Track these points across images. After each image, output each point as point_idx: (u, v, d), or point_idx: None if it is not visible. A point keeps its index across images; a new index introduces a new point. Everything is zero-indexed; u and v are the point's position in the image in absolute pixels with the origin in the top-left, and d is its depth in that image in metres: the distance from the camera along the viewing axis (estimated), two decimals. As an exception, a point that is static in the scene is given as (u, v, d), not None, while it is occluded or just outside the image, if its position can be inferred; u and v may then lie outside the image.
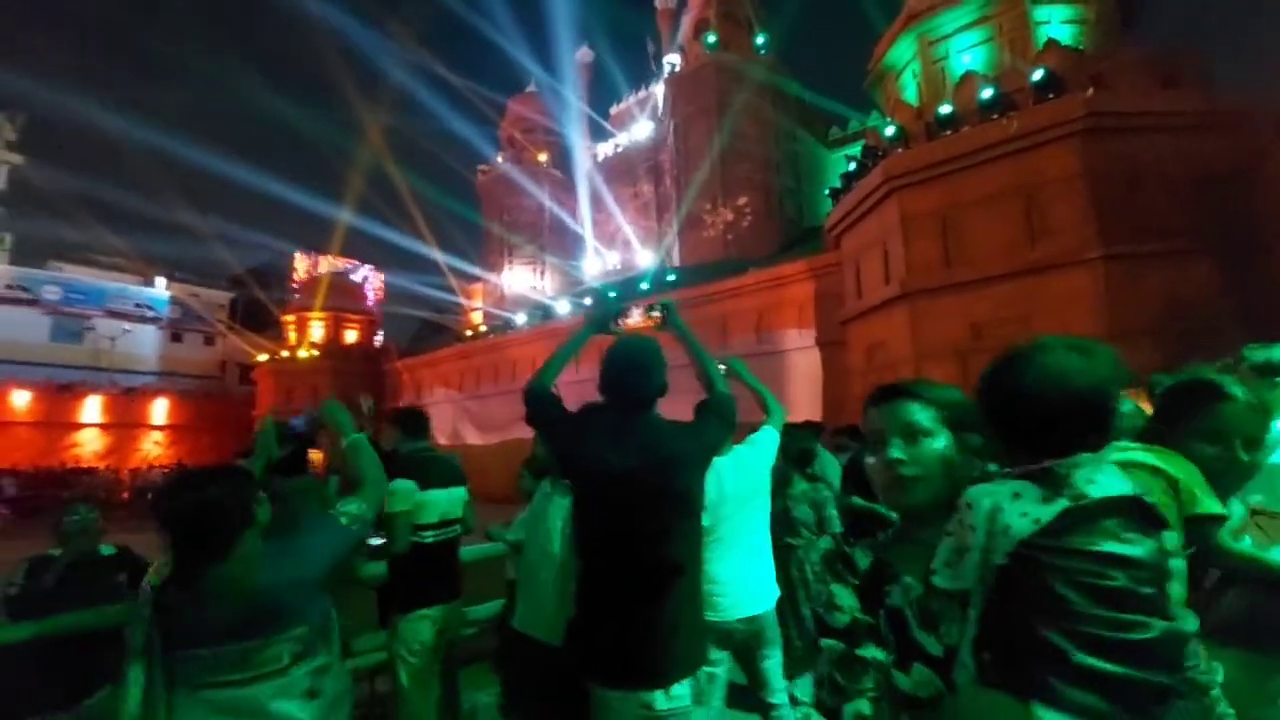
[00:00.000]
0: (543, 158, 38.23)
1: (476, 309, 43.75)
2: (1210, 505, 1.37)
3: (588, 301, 28.32)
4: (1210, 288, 11.19)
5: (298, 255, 53.44)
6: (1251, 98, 11.68)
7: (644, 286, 26.61)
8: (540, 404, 2.02)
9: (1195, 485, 1.38)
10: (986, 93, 12.87)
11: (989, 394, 1.01)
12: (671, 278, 25.38)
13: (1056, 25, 14.00)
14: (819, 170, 28.75)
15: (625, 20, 65.38)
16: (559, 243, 37.97)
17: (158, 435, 39.81)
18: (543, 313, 30.85)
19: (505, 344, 30.80)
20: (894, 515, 1.15)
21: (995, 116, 12.56)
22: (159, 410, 39.74)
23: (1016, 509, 0.90)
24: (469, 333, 36.49)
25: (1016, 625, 0.88)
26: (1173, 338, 10.43)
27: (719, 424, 2.03)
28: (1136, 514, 0.92)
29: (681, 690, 1.76)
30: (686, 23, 30.48)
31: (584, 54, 40.82)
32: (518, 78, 41.83)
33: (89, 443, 37.50)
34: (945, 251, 13.31)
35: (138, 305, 40.55)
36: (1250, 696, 1.26)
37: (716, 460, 2.90)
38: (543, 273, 38.88)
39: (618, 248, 35.45)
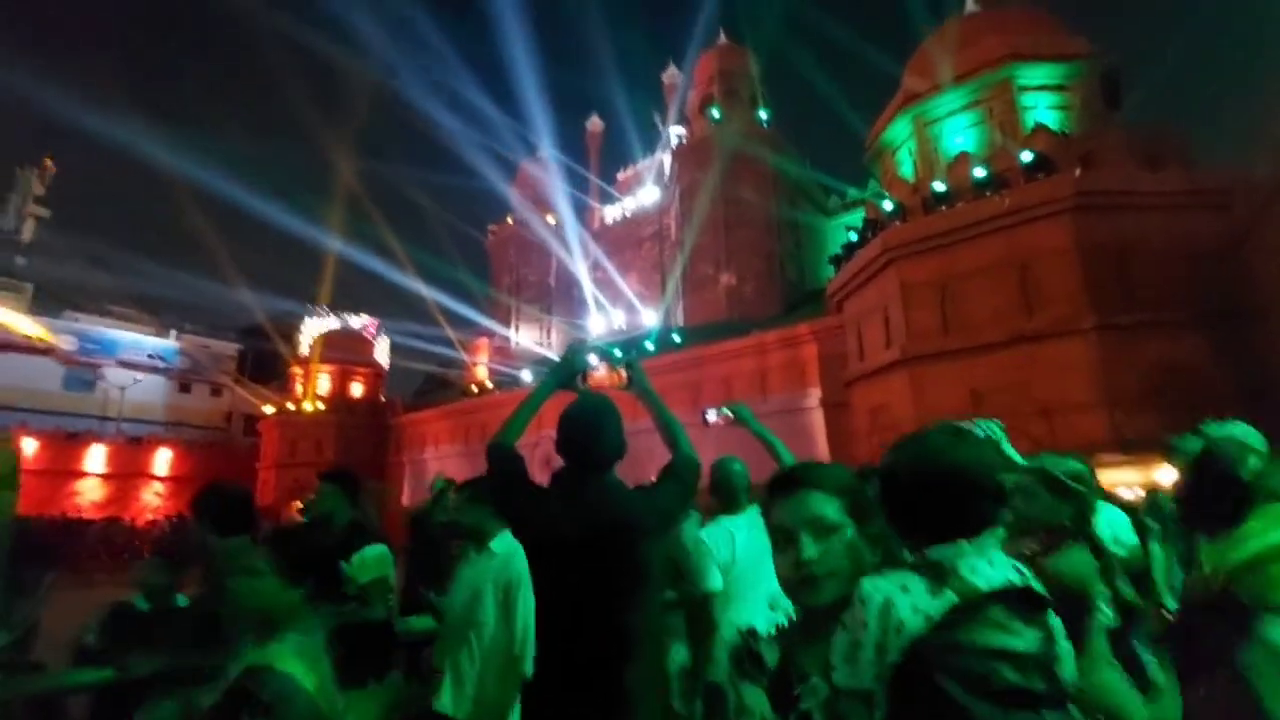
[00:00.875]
0: (551, 220, 39.50)
1: (481, 364, 44.33)
2: None
3: (592, 358, 28.74)
4: (1203, 356, 11.52)
5: (307, 308, 54.66)
6: (1232, 176, 12.33)
7: (649, 346, 27.11)
8: (501, 462, 1.94)
9: None
10: (979, 172, 13.57)
11: (881, 480, 1.05)
12: (677, 338, 25.86)
13: (1043, 110, 14.88)
14: (819, 236, 29.69)
15: (633, 91, 68.71)
16: (565, 302, 38.79)
17: (158, 486, 39.64)
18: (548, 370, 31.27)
19: (509, 400, 31.13)
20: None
21: (988, 194, 13.21)
22: (161, 460, 39.70)
23: (907, 603, 0.89)
24: (474, 388, 36.86)
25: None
26: (1168, 404, 10.69)
27: (678, 488, 1.94)
28: (1020, 602, 0.92)
29: None
30: (692, 97, 32.13)
31: (594, 123, 42.77)
32: (529, 143, 43.71)
33: (89, 491, 37.35)
34: (944, 319, 13.73)
35: (150, 356, 41.13)
36: None
37: (726, 520, 2.85)
38: (549, 330, 39.54)
39: (623, 308, 36.20)
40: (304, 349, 47.65)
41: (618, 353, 2.34)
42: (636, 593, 1.79)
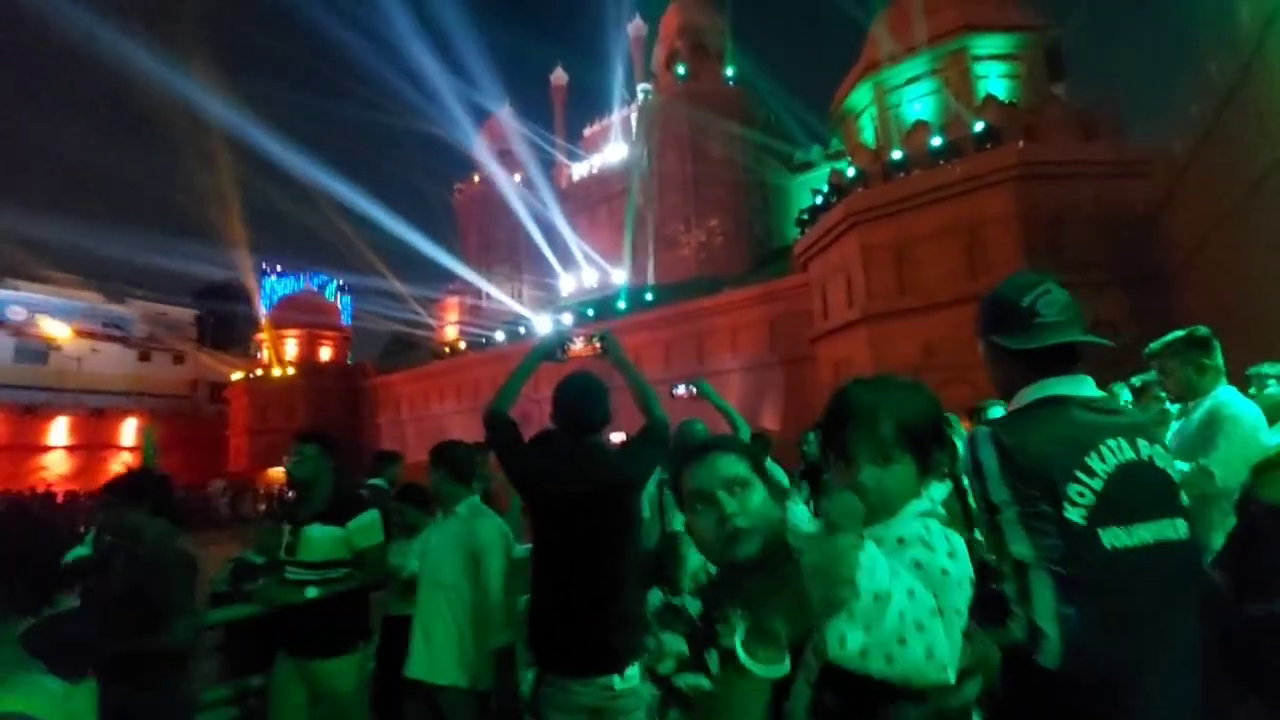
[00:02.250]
0: (517, 177, 39.24)
1: (451, 324, 44.39)
2: None
3: (565, 318, 29.45)
4: (1122, 313, 12.96)
5: (265, 268, 53.35)
6: (1156, 147, 13.58)
7: (621, 305, 27.89)
8: (499, 429, 2.21)
9: None
10: (935, 140, 14.55)
11: (840, 411, 1.07)
12: (649, 296, 26.66)
13: (994, 79, 15.85)
14: (784, 194, 30.50)
15: (598, 44, 67.08)
16: (535, 260, 38.97)
17: (127, 456, 39.22)
18: (523, 329, 31.78)
19: (486, 360, 31.63)
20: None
21: (941, 162, 14.24)
22: (129, 431, 39.19)
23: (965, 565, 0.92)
24: (447, 349, 37.13)
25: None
26: (1092, 357, 12.14)
27: (653, 447, 2.24)
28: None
29: (633, 673, 1.99)
30: (659, 52, 32.02)
31: (558, 76, 42.07)
32: (494, 98, 42.83)
33: (56, 465, 36.83)
34: (900, 280, 14.92)
35: (105, 324, 39.98)
36: None
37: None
38: (520, 289, 39.77)
39: (593, 266, 36.65)
40: (263, 312, 46.96)
41: (579, 319, 2.91)
42: (622, 535, 2.13)
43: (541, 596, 2.14)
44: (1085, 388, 1.35)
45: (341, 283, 52.21)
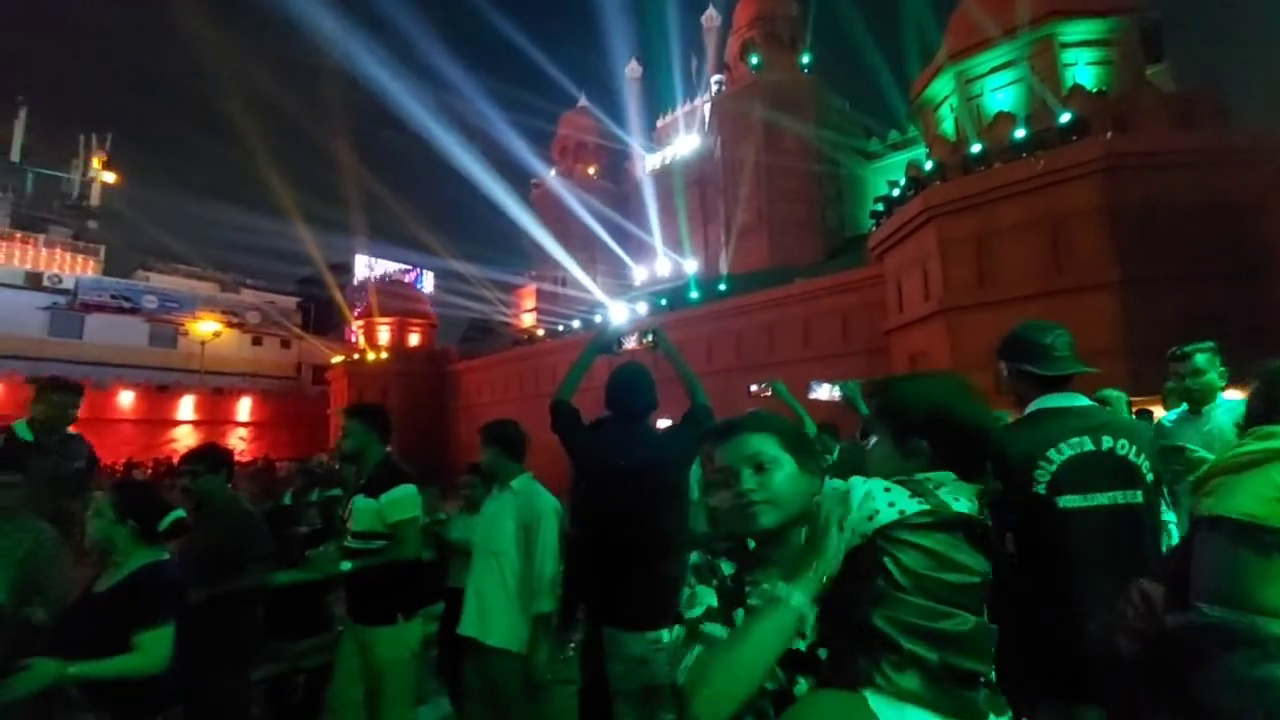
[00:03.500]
0: (592, 170, 40.30)
1: (527, 312, 46.25)
2: None
3: (639, 306, 30.32)
4: (1224, 309, 12.52)
5: (357, 259, 57.03)
6: (1265, 133, 12.97)
7: (693, 295, 28.51)
8: (563, 415, 2.51)
9: None
10: (1019, 133, 14.40)
11: (895, 396, 1.20)
12: (722, 286, 27.15)
13: (1083, 66, 15.40)
14: (859, 183, 30.17)
15: (671, 36, 67.02)
16: (609, 251, 40.05)
17: (243, 431, 43.32)
18: (599, 317, 32.95)
19: (562, 348, 33.00)
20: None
21: (1024, 155, 14.10)
22: (244, 408, 43.25)
23: (885, 499, 1.00)
24: (526, 337, 38.88)
25: (850, 614, 0.96)
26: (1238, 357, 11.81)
27: (695, 429, 2.47)
28: (979, 534, 1.02)
29: (679, 629, 2.42)
30: (732, 42, 32.14)
31: (632, 69, 42.77)
32: (571, 92, 44.02)
33: (184, 437, 41.15)
34: (979, 273, 14.89)
35: (224, 312, 44.10)
36: None
37: None
38: (595, 279, 41.02)
39: (666, 256, 37.37)
40: (357, 299, 50.33)
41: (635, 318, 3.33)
42: (665, 506, 2.38)
43: (596, 560, 2.39)
44: (1075, 400, 1.88)
45: (426, 272, 55.36)
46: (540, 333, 37.44)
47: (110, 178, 51.02)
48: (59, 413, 3.65)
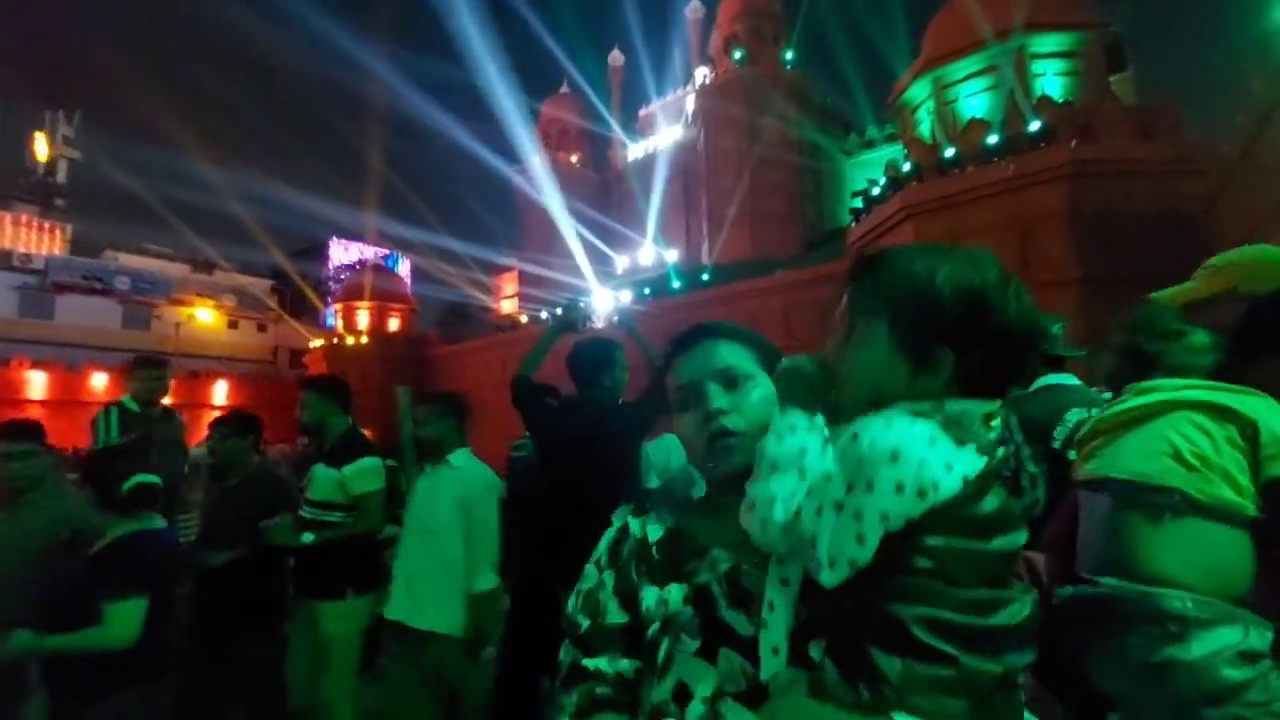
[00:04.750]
0: (575, 158, 40.54)
1: (507, 298, 46.46)
2: None
3: (623, 295, 30.89)
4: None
5: (333, 242, 56.47)
6: (1213, 145, 14.03)
7: (675, 285, 29.17)
8: (523, 390, 2.56)
9: None
10: (992, 139, 15.31)
11: (913, 279, 0.71)
12: (706, 276, 27.88)
13: (1052, 77, 16.36)
14: (838, 177, 31.05)
15: (654, 26, 67.26)
16: (591, 239, 40.42)
17: (218, 414, 42.89)
18: (583, 303, 33.37)
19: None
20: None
21: (996, 160, 15.01)
22: (220, 392, 42.83)
23: (939, 460, 0.63)
24: (509, 323, 39.19)
25: (869, 610, 0.64)
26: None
27: (654, 403, 2.39)
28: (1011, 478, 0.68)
29: None
30: (716, 36, 32.61)
31: (615, 57, 42.93)
32: (552, 80, 44.06)
33: (158, 422, 40.61)
34: (952, 270, 15.83)
35: (199, 294, 43.49)
36: None
37: (671, 436, 3.06)
38: (577, 266, 41.41)
39: (648, 244, 37.92)
40: (333, 283, 49.96)
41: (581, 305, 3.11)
42: (624, 476, 2.40)
43: (550, 528, 2.40)
44: (1072, 379, 2.13)
45: (403, 255, 55.02)
46: (523, 319, 37.77)
47: (76, 154, 49.63)
48: (151, 386, 4.08)
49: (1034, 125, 14.81)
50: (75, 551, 3.67)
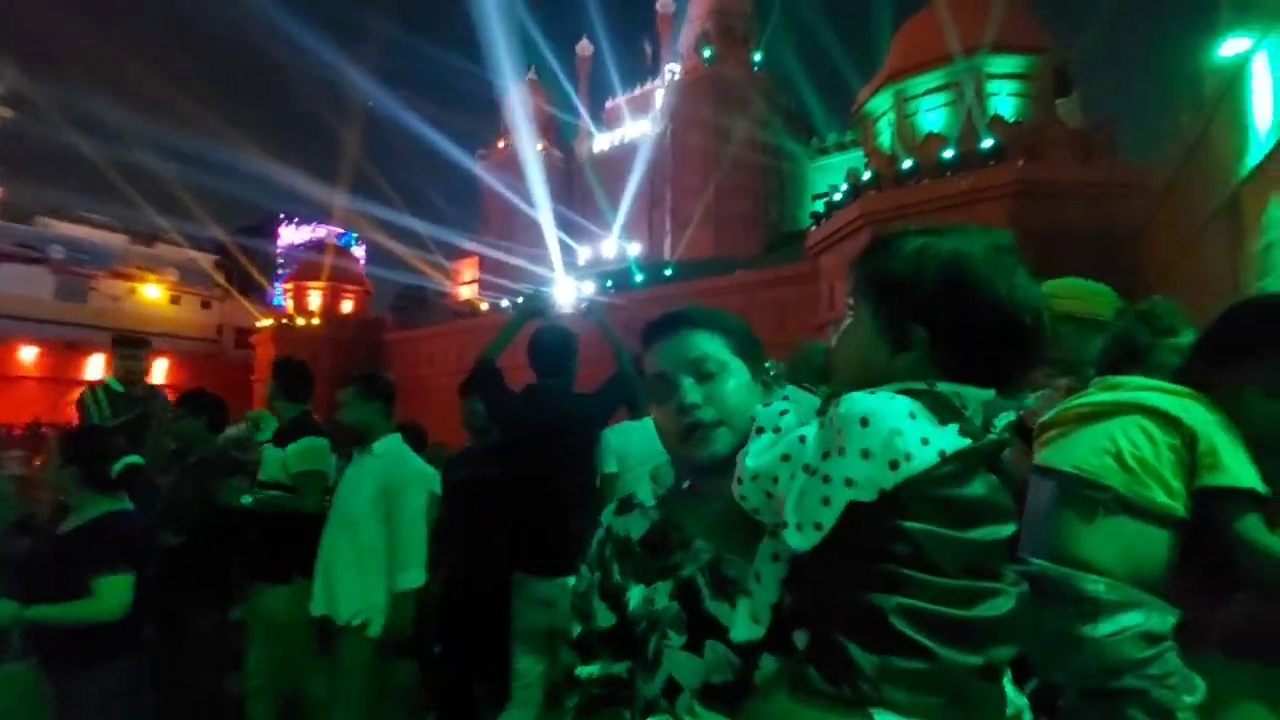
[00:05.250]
0: (540, 146, 40.21)
1: (466, 284, 45.78)
2: (1237, 477, 1.02)
3: (585, 286, 30.93)
4: (1103, 321, 14.59)
5: (284, 218, 54.68)
6: (1144, 171, 14.99)
7: (638, 279, 29.38)
8: (485, 375, 2.57)
9: (1222, 447, 1.04)
10: (948, 153, 16.00)
11: (959, 287, 0.67)
12: (668, 272, 28.17)
13: (1005, 97, 17.16)
14: (799, 180, 31.72)
15: (623, 17, 66.92)
16: (557, 229, 40.21)
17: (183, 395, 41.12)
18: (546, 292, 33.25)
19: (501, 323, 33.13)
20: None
21: (950, 174, 15.71)
22: (160, 370, 40.99)
23: (916, 433, 0.61)
24: (469, 309, 38.65)
25: (847, 598, 0.62)
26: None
27: (616, 391, 2.55)
28: (998, 465, 0.69)
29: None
30: (687, 33, 32.82)
31: (583, 47, 42.66)
32: (519, 63, 43.48)
33: (92, 399, 38.71)
34: (905, 278, 16.53)
35: (139, 267, 41.52)
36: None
37: (632, 423, 2.79)
38: (538, 256, 41.15)
39: (611, 237, 37.97)
40: (281, 261, 48.40)
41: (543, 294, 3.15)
42: (586, 458, 2.45)
43: (515, 513, 2.45)
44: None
45: (358, 236, 53.63)
46: (484, 306, 37.36)
47: (7, 113, 46.66)
48: (129, 365, 4.04)
49: (987, 143, 15.53)
50: (28, 530, 3.54)
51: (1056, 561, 1.07)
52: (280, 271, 51.67)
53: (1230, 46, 8.73)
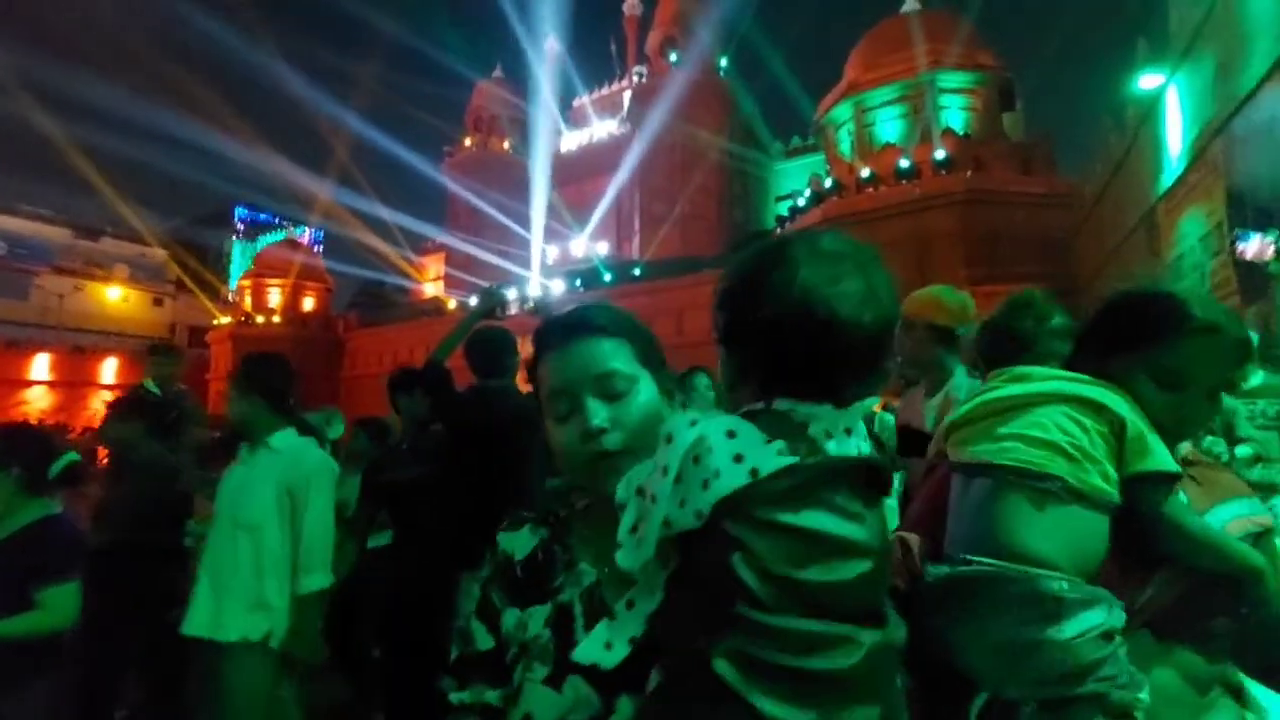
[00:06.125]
0: (506, 145, 40.35)
1: (431, 281, 45.44)
2: (1163, 461, 1.01)
3: (554, 284, 31.37)
4: (1042, 320, 15.97)
5: (240, 210, 53.13)
6: (1078, 184, 16.42)
7: (607, 278, 29.98)
8: (438, 377, 2.61)
9: (1146, 432, 1.03)
10: (904, 163, 17.14)
11: (749, 298, 0.66)
12: (637, 272, 28.86)
13: (955, 110, 18.45)
14: (763, 183, 32.83)
15: (590, 18, 67.37)
16: (522, 227, 40.45)
17: (107, 395, 39.73)
18: (513, 292, 33.53)
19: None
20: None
21: (904, 182, 16.85)
22: (109, 370, 39.69)
23: (728, 450, 0.58)
24: (434, 307, 38.44)
25: (682, 639, 0.59)
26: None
27: None
28: (863, 481, 0.63)
29: None
30: (654, 36, 33.51)
31: (551, 45, 42.89)
32: (485, 60, 43.51)
33: (37, 400, 37.30)
34: (864, 279, 17.68)
35: (86, 263, 40.01)
36: (1184, 704, 1.00)
37: None
38: (505, 254, 41.29)
39: (579, 237, 38.43)
40: (237, 257, 47.18)
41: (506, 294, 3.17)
42: (521, 463, 2.37)
43: (468, 511, 2.31)
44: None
45: (312, 230, 52.49)
46: (452, 304, 37.32)
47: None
48: (165, 371, 4.50)
49: (939, 154, 16.71)
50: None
51: (1005, 559, 0.98)
52: (233, 266, 50.25)
53: (1147, 80, 9.91)
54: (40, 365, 36.88)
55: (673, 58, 31.74)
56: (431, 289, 44.12)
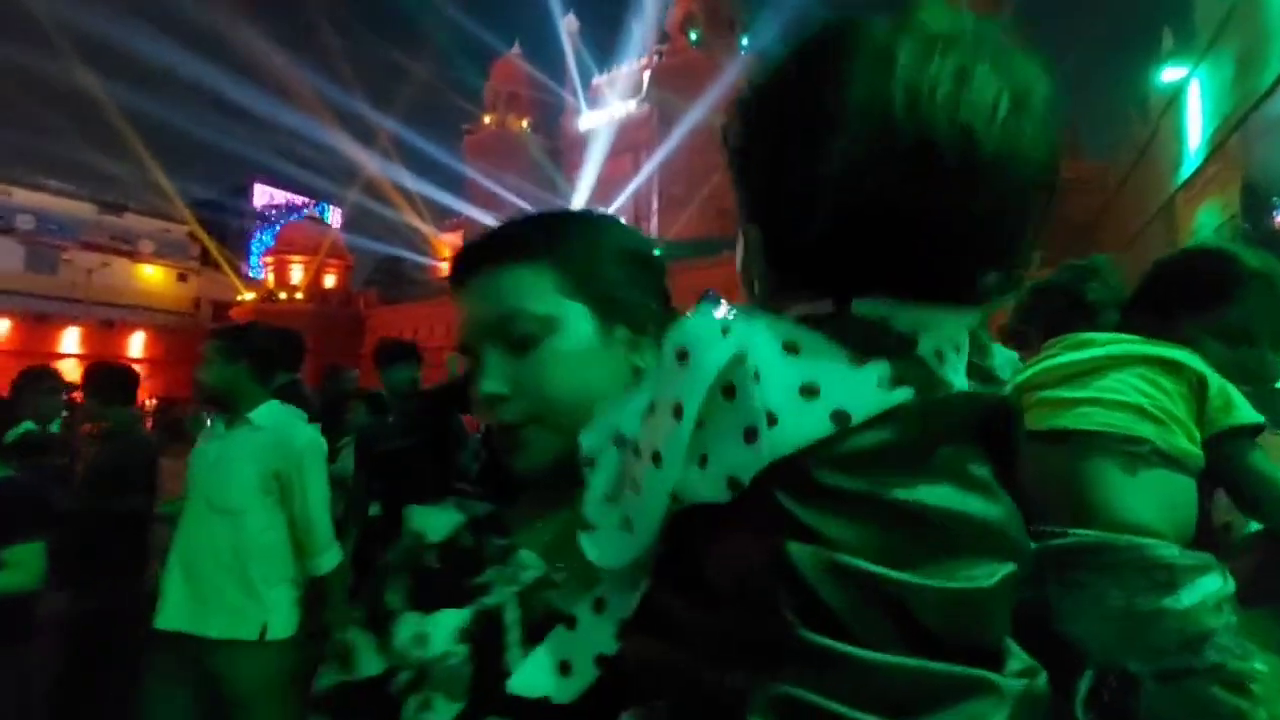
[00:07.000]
0: (525, 123, 40.48)
1: (449, 260, 45.73)
2: (1248, 413, 0.95)
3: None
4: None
5: (258, 186, 53.61)
6: (1100, 168, 16.60)
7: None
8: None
9: (1228, 386, 0.98)
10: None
11: (804, 115, 0.35)
12: (656, 252, 29.15)
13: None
14: (782, 163, 32.83)
15: None
16: (540, 205, 40.72)
17: (135, 369, 40.73)
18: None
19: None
20: None
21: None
22: (136, 344, 40.66)
23: (790, 377, 0.33)
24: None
25: (686, 665, 0.35)
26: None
27: None
28: (997, 432, 0.36)
29: None
30: (674, 13, 33.41)
31: (570, 22, 42.70)
32: (504, 37, 43.32)
33: (67, 373, 38.08)
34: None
35: (112, 238, 40.80)
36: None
37: None
38: (524, 231, 41.62)
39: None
40: (259, 233, 47.82)
41: None
42: None
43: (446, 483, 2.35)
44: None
45: (332, 206, 52.93)
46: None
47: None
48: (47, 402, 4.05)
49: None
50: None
51: (1102, 529, 0.92)
52: (256, 240, 50.78)
53: (1170, 73, 10.17)
54: (70, 339, 37.84)
55: (692, 36, 31.65)
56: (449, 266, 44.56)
